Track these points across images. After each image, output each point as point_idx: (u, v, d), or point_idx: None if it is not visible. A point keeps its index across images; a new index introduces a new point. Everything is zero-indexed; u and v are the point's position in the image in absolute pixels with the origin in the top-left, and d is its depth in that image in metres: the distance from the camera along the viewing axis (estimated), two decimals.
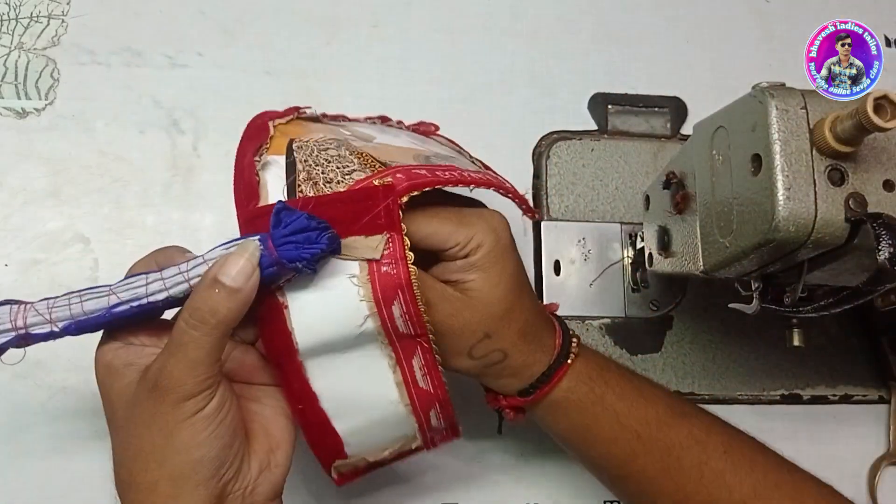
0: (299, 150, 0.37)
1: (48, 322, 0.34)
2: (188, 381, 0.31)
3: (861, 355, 0.54)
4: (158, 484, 0.32)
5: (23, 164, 0.50)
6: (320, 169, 0.36)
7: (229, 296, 0.31)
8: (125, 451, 0.33)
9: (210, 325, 0.31)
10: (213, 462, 0.32)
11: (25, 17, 0.53)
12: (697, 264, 0.40)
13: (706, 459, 0.39)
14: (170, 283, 0.33)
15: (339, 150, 0.37)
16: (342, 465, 0.40)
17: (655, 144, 0.56)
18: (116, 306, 0.33)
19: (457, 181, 0.38)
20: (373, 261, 0.34)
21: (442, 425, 0.40)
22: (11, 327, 0.34)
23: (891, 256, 0.31)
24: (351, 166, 0.36)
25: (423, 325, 0.36)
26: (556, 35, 0.58)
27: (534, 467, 0.50)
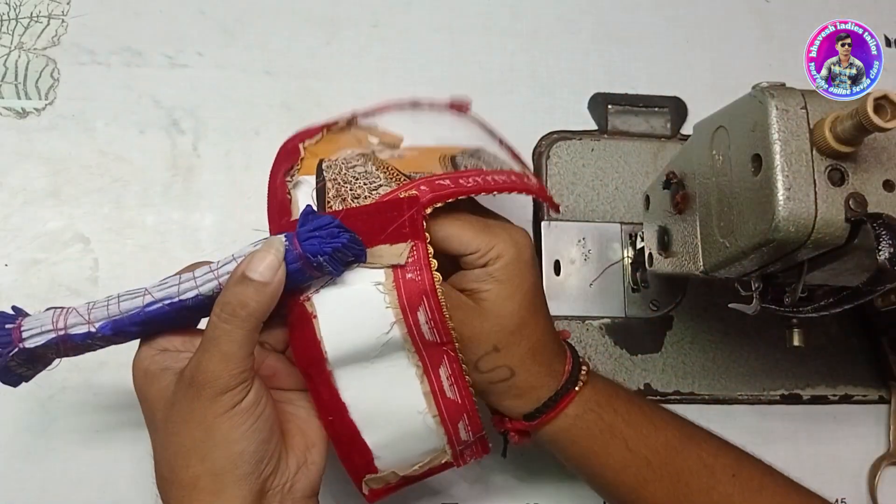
0: (328, 170, 0.38)
1: (86, 322, 0.35)
2: (223, 374, 0.32)
3: (861, 355, 0.54)
4: (200, 479, 0.32)
5: (23, 164, 0.50)
6: (348, 186, 0.37)
7: (257, 290, 0.32)
8: (166, 450, 0.34)
9: (241, 318, 0.32)
10: (253, 456, 0.33)
11: (25, 16, 0.53)
12: (697, 264, 0.40)
13: (714, 484, 0.39)
14: (200, 281, 0.35)
15: (365, 167, 0.38)
16: (372, 479, 0.40)
17: (655, 144, 0.56)
18: (150, 305, 0.35)
19: (479, 189, 0.38)
20: (398, 267, 0.35)
21: (471, 438, 0.40)
22: (52, 328, 0.35)
23: (891, 256, 0.31)
24: (377, 181, 0.37)
25: (448, 332, 0.36)
26: (556, 35, 0.58)
27: (534, 467, 0.50)
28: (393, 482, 0.41)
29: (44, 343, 0.36)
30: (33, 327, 0.36)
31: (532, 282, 0.38)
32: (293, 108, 0.53)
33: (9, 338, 0.36)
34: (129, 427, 0.47)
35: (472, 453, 0.41)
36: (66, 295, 0.48)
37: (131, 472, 0.46)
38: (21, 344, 0.36)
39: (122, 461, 0.46)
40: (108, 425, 0.47)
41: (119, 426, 0.47)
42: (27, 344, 0.36)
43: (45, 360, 0.38)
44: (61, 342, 0.36)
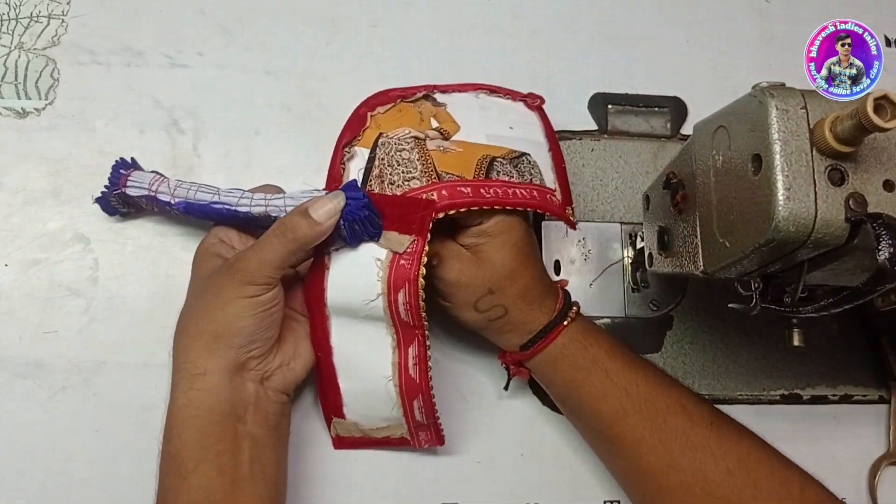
0: (381, 147, 0.46)
1: (170, 195, 0.46)
2: (255, 271, 0.40)
3: (861, 355, 0.54)
4: (204, 335, 0.41)
5: (23, 164, 0.50)
6: (390, 170, 0.44)
7: (311, 226, 0.40)
8: (191, 309, 0.43)
9: (288, 239, 0.40)
10: (249, 335, 0.41)
11: (25, 17, 0.53)
12: (697, 264, 0.40)
13: (692, 426, 0.42)
14: (254, 203, 0.44)
15: (411, 154, 0.45)
16: (339, 424, 0.47)
17: (655, 144, 0.56)
18: (215, 203, 0.44)
19: (496, 202, 0.44)
20: (397, 253, 0.42)
21: (425, 421, 0.46)
22: (147, 188, 0.46)
23: (891, 256, 0.31)
24: (413, 173, 0.44)
25: (419, 318, 0.42)
26: (556, 35, 0.58)
27: (534, 467, 0.50)
28: (356, 435, 0.47)
29: (137, 195, 0.46)
30: (136, 180, 0.47)
31: (521, 236, 0.45)
32: (293, 108, 0.53)
33: (118, 180, 0.47)
34: (129, 427, 0.47)
35: (427, 438, 0.47)
36: (65, 295, 0.48)
37: (131, 472, 0.46)
38: (123, 188, 0.47)
39: (122, 461, 0.46)
40: (108, 425, 0.47)
41: (119, 426, 0.47)
42: (127, 191, 0.46)
43: (137, 206, 0.49)
44: (149, 199, 0.46)
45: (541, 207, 0.45)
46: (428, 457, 0.49)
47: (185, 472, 0.39)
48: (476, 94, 0.52)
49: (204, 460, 0.39)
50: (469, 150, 0.46)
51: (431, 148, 0.45)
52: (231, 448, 0.40)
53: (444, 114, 0.49)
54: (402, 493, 0.49)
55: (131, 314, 0.49)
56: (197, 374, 0.40)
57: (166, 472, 0.40)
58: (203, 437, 0.40)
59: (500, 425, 0.50)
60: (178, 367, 0.41)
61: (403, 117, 0.49)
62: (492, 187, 0.44)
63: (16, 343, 0.47)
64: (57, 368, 0.47)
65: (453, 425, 0.50)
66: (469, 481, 0.49)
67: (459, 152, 0.46)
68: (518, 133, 0.49)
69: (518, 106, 0.52)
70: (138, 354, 0.48)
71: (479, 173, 0.45)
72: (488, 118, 0.50)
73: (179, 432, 0.40)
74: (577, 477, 0.50)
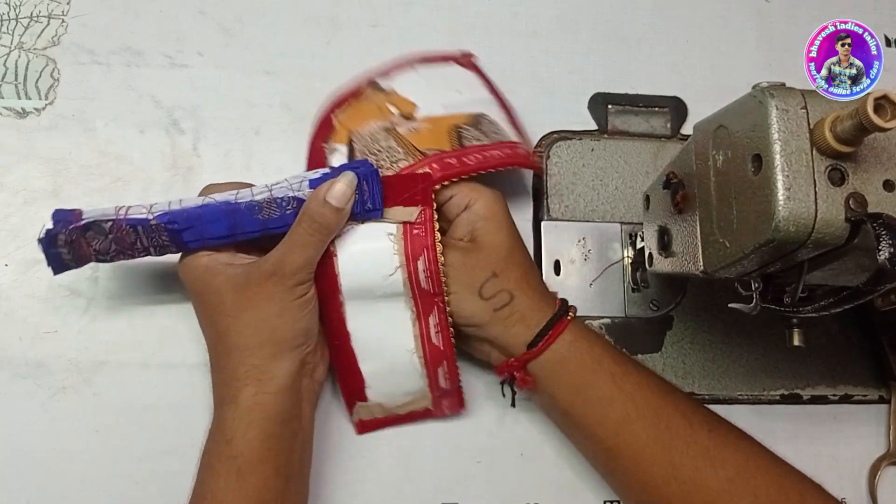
0: (357, 142, 0.47)
1: (146, 211, 0.41)
2: (302, 270, 0.41)
3: (861, 355, 0.54)
4: (265, 344, 0.41)
5: (23, 164, 0.50)
6: (374, 158, 0.45)
7: (336, 213, 0.41)
8: (238, 321, 0.41)
9: (324, 234, 0.41)
10: (306, 334, 0.42)
11: (25, 16, 0.53)
12: (697, 264, 0.40)
13: (692, 433, 0.41)
14: (256, 191, 0.42)
15: (388, 142, 0.46)
16: (362, 408, 0.47)
17: (655, 144, 0.56)
18: (207, 203, 0.41)
19: (480, 167, 0.46)
20: (408, 224, 0.43)
21: (448, 387, 0.47)
22: (114, 211, 0.41)
23: (891, 256, 0.31)
24: (398, 156, 0.46)
25: (440, 284, 0.43)
26: (556, 35, 0.58)
27: (534, 467, 0.50)
28: (379, 416, 0.48)
29: (101, 223, 0.40)
30: (93, 212, 0.41)
31: (510, 219, 0.46)
32: (293, 108, 0.53)
33: (68, 217, 0.41)
34: (129, 427, 0.47)
35: (449, 405, 0.48)
36: (65, 295, 0.48)
37: (131, 472, 0.46)
38: (78, 222, 0.40)
39: (122, 461, 0.46)
40: (108, 425, 0.47)
41: (119, 426, 0.47)
42: (84, 220, 0.40)
43: (85, 255, 0.42)
44: (116, 228, 0.40)
45: (516, 163, 0.48)
46: (428, 457, 0.49)
47: (242, 473, 0.39)
48: (413, 69, 0.53)
49: (264, 461, 0.40)
50: (436, 123, 0.49)
51: (403, 132, 0.47)
52: (289, 447, 0.41)
53: (397, 98, 0.51)
54: (402, 493, 0.49)
55: (131, 314, 0.49)
56: (265, 379, 0.41)
57: (221, 472, 0.40)
58: (267, 437, 0.40)
59: (500, 425, 0.50)
60: (240, 375, 0.41)
61: (364, 112, 0.50)
62: (471, 154, 0.46)
63: (16, 343, 0.47)
64: (57, 368, 0.47)
65: (453, 425, 0.50)
66: (469, 481, 0.49)
67: (429, 128, 0.48)
68: (467, 95, 0.52)
69: (454, 68, 0.54)
70: (138, 354, 0.48)
71: (453, 144, 0.47)
72: (436, 89, 0.52)
73: (244, 433, 0.40)
74: (577, 477, 0.50)
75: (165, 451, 0.46)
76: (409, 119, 0.49)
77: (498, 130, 0.50)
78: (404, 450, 0.49)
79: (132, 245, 0.41)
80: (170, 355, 0.48)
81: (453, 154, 0.46)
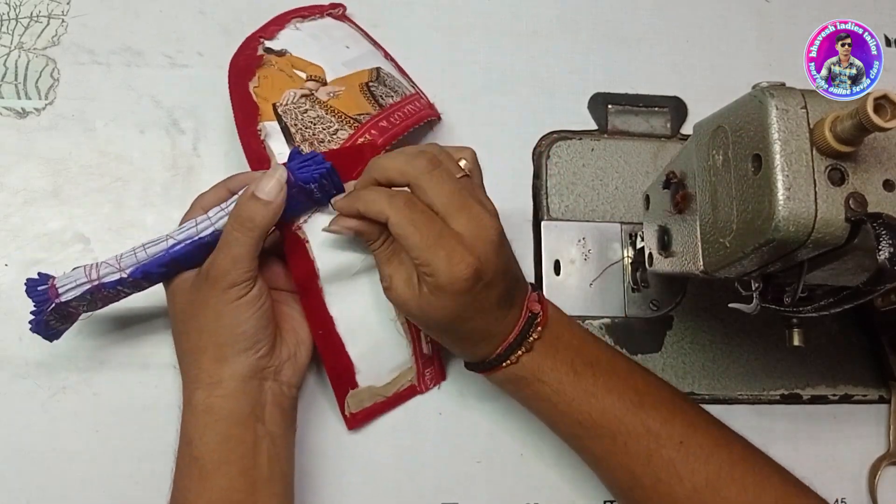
0: (285, 115, 0.46)
1: (118, 270, 0.41)
2: (231, 271, 0.40)
3: (861, 355, 0.54)
4: (208, 349, 0.41)
5: (23, 164, 0.50)
6: (310, 131, 0.45)
7: (264, 206, 0.40)
8: (185, 328, 0.42)
9: (249, 228, 0.40)
10: (251, 337, 0.41)
11: (25, 16, 0.53)
12: (697, 264, 0.40)
13: (657, 448, 0.41)
14: (215, 219, 0.42)
15: (316, 112, 0.46)
16: (352, 398, 0.47)
17: (655, 144, 0.56)
18: (174, 247, 0.41)
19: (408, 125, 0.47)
20: None
21: (430, 352, 0.48)
22: (87, 280, 0.41)
23: (891, 256, 0.31)
24: (333, 125, 0.46)
25: None
26: (555, 35, 0.58)
27: (534, 467, 0.50)
28: (368, 403, 0.48)
29: (80, 294, 0.41)
30: (67, 283, 0.41)
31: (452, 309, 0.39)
32: None
33: (45, 296, 0.41)
34: (128, 427, 0.47)
35: (432, 376, 0.49)
36: None
37: (131, 472, 0.46)
38: (57, 299, 0.41)
39: (122, 461, 0.46)
40: (108, 425, 0.47)
41: (119, 426, 0.47)
42: (63, 297, 0.41)
43: (73, 316, 0.43)
44: (95, 291, 0.41)
45: (428, 114, 0.50)
46: (428, 457, 0.49)
47: (206, 474, 0.40)
48: (293, 26, 0.52)
49: (226, 462, 0.40)
50: (348, 84, 0.49)
51: (324, 98, 0.47)
52: (252, 449, 0.41)
53: (298, 60, 0.50)
54: (402, 493, 0.49)
55: (131, 314, 0.49)
56: (213, 383, 0.41)
57: (186, 474, 0.40)
58: (225, 440, 0.40)
59: (499, 425, 0.50)
60: (192, 378, 0.41)
61: (275, 82, 0.48)
62: (395, 112, 0.48)
63: (16, 343, 0.47)
64: (57, 368, 0.47)
65: (453, 425, 0.50)
66: (469, 481, 0.49)
67: (344, 90, 0.48)
68: (354, 51, 0.52)
69: (329, 21, 0.53)
70: (138, 354, 0.48)
71: (371, 103, 0.48)
72: (326, 47, 0.51)
73: (201, 436, 0.40)
74: (577, 477, 0.50)
75: (165, 451, 0.46)
76: (322, 83, 0.49)
77: (398, 84, 0.51)
78: (404, 450, 0.49)
79: (116, 296, 0.43)
80: (169, 355, 0.47)
81: (381, 116, 0.47)
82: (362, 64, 0.51)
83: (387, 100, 0.49)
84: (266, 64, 0.49)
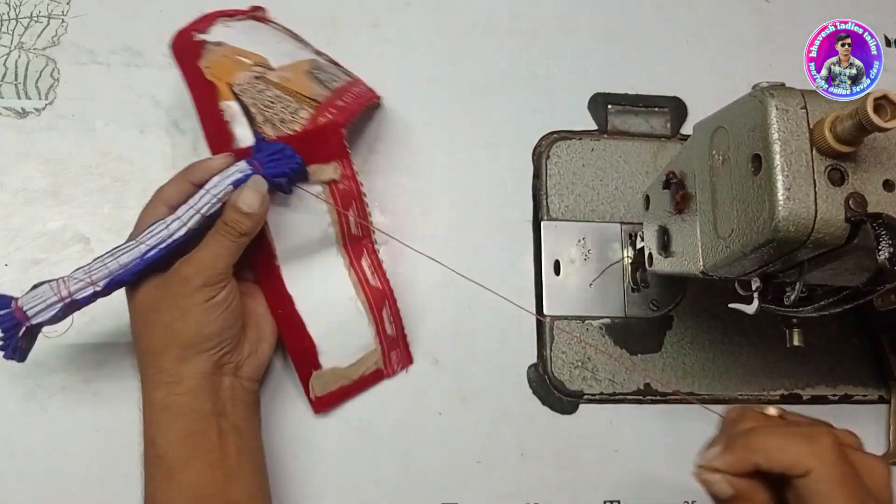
0: (243, 94, 0.46)
1: (90, 284, 0.40)
2: (205, 273, 0.40)
3: (861, 355, 0.54)
4: (170, 349, 0.41)
5: (23, 164, 0.50)
6: (271, 112, 0.45)
7: (248, 217, 0.41)
8: (146, 325, 0.42)
9: (233, 237, 0.41)
10: (216, 338, 0.41)
11: (25, 16, 0.53)
12: (697, 264, 0.40)
13: None
14: (186, 217, 0.41)
15: (273, 91, 0.46)
16: (317, 379, 0.47)
17: (655, 144, 0.56)
18: (147, 252, 0.40)
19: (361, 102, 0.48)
20: (333, 181, 0.45)
21: (394, 332, 0.48)
22: (58, 299, 0.39)
23: (890, 256, 0.31)
24: (292, 105, 0.45)
25: (367, 227, 0.47)
26: (556, 35, 0.58)
27: (534, 467, 0.50)
28: (333, 387, 0.47)
29: (52, 315, 0.39)
30: (36, 304, 0.39)
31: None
32: None
33: (13, 320, 0.39)
34: (128, 427, 0.47)
35: (399, 359, 0.49)
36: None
37: (131, 472, 0.46)
38: (28, 322, 0.39)
39: (121, 461, 0.46)
40: (107, 425, 0.47)
41: (119, 426, 0.47)
42: (35, 320, 0.39)
43: (38, 331, 0.41)
44: (67, 308, 0.40)
45: (372, 97, 0.51)
46: (428, 457, 0.49)
47: (173, 472, 0.40)
48: (222, 23, 0.50)
49: (193, 457, 0.40)
50: (294, 70, 0.48)
51: (276, 80, 0.47)
52: (218, 444, 0.41)
53: (240, 50, 0.48)
54: (402, 493, 0.49)
55: None
56: (172, 382, 0.41)
57: (153, 474, 0.40)
58: (187, 436, 0.40)
59: (500, 425, 0.50)
60: (150, 377, 0.41)
61: (224, 64, 0.47)
62: (345, 94, 0.48)
63: None
64: (57, 368, 0.47)
65: (453, 425, 0.50)
66: (469, 481, 0.49)
67: (292, 75, 0.48)
68: (285, 45, 0.51)
69: (254, 23, 0.52)
70: None
71: (321, 87, 0.48)
72: (260, 41, 0.50)
73: (164, 435, 0.40)
74: (577, 477, 0.50)
75: None
76: (268, 68, 0.48)
77: (337, 71, 0.51)
78: (404, 450, 0.49)
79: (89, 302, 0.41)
80: None
81: (335, 97, 0.47)
82: (299, 56, 0.50)
83: (333, 84, 0.48)
84: (208, 51, 0.47)
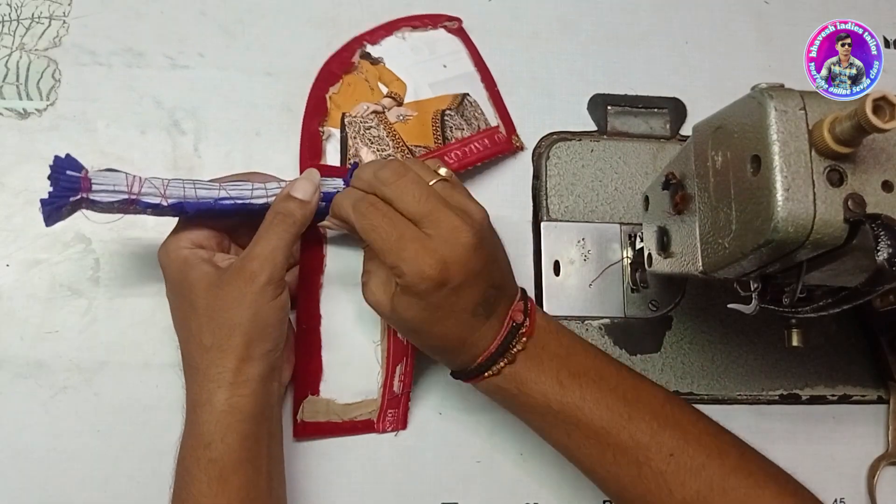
0: (349, 126, 0.51)
1: (161, 196, 0.40)
2: (268, 268, 0.40)
3: (860, 355, 0.54)
4: (239, 347, 0.40)
5: (24, 165, 0.50)
6: (365, 149, 0.50)
7: (301, 205, 0.42)
8: (211, 321, 0.41)
9: (288, 224, 0.42)
10: (279, 338, 0.42)
11: (27, 17, 0.53)
12: (697, 264, 0.40)
13: (646, 461, 0.41)
14: (270, 192, 0.43)
15: (378, 131, 0.51)
16: (309, 404, 0.47)
17: (655, 145, 0.56)
18: (223, 199, 0.41)
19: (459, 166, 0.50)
20: None
21: (400, 393, 0.48)
22: (126, 191, 0.39)
23: (889, 257, 0.31)
24: (387, 149, 0.50)
25: None
26: (555, 36, 0.58)
27: (534, 467, 0.50)
28: (322, 419, 0.47)
29: (111, 201, 0.38)
30: (105, 184, 0.38)
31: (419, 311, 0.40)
32: (294, 109, 0.53)
33: (76, 184, 0.37)
34: (130, 427, 0.47)
35: (393, 419, 0.49)
36: (66, 295, 0.48)
37: (132, 472, 0.47)
38: (88, 194, 0.38)
39: (122, 460, 0.47)
40: (108, 425, 0.47)
41: (120, 426, 0.47)
42: (94, 196, 0.38)
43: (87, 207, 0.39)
44: (126, 203, 0.39)
45: (494, 153, 0.52)
46: (428, 457, 0.49)
47: (226, 475, 0.39)
48: (401, 34, 0.55)
49: (246, 461, 0.40)
50: (422, 109, 0.52)
51: (393, 120, 0.51)
52: (266, 449, 0.42)
53: (387, 73, 0.53)
54: (402, 493, 0.49)
55: (132, 314, 0.49)
56: (237, 383, 0.40)
57: (202, 478, 0.39)
58: (244, 438, 0.40)
59: (500, 425, 0.50)
60: (213, 377, 0.40)
61: (356, 91, 0.53)
62: (452, 151, 0.51)
63: (17, 343, 0.48)
64: (58, 368, 0.48)
65: (453, 425, 0.50)
66: (469, 481, 0.49)
67: (416, 116, 0.52)
68: (452, 70, 0.54)
69: (441, 34, 0.55)
70: (139, 355, 0.48)
71: (436, 135, 0.51)
72: (423, 62, 0.54)
73: (223, 437, 0.39)
74: (577, 477, 0.49)
75: (165, 451, 0.46)
76: (399, 103, 0.52)
77: (479, 115, 0.53)
78: (404, 450, 0.49)
79: (136, 212, 0.40)
80: (170, 355, 0.48)
81: (435, 153, 0.50)
82: (450, 88, 0.53)
83: (455, 133, 0.51)
84: (354, 69, 0.53)
